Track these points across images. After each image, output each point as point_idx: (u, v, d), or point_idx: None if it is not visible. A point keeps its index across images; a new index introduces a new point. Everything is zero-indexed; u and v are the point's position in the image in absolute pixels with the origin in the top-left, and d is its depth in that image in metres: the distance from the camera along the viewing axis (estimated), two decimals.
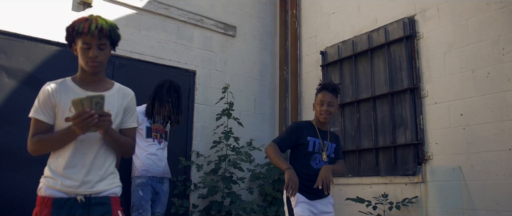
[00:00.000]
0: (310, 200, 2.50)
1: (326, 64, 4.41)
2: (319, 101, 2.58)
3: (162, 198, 3.28)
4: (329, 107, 2.55)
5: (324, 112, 2.55)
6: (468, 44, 3.27)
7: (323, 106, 2.54)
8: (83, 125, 1.57)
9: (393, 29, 3.78)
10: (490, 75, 3.11)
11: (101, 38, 1.70)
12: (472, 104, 3.19)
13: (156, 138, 3.29)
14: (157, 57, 4.21)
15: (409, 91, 3.57)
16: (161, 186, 3.27)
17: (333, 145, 2.68)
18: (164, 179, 3.31)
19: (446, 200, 3.26)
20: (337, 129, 4.18)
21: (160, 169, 3.25)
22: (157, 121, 3.34)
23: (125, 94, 1.87)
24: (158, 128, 3.34)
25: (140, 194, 3.11)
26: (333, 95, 2.57)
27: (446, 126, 3.34)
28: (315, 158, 2.55)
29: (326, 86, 2.59)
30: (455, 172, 3.23)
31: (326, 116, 2.56)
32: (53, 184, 1.68)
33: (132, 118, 1.88)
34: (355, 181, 3.94)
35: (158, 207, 3.26)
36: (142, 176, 3.17)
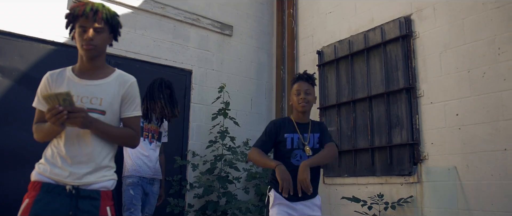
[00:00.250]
0: (290, 201, 2.30)
1: (323, 64, 4.40)
2: (296, 91, 2.44)
3: (151, 199, 3.27)
4: (307, 95, 2.42)
5: (301, 101, 2.40)
6: (464, 43, 3.26)
7: (300, 95, 2.41)
8: (54, 121, 1.57)
9: (389, 29, 3.77)
10: (485, 75, 3.10)
11: (97, 21, 1.69)
12: (468, 104, 3.18)
13: (146, 138, 3.27)
14: (153, 56, 4.20)
15: (405, 91, 3.56)
16: (150, 187, 3.25)
17: (316, 135, 2.47)
18: (154, 181, 3.28)
19: (441, 200, 3.25)
20: (333, 129, 4.17)
21: (150, 170, 3.23)
22: (151, 121, 3.32)
23: (124, 81, 1.81)
24: (150, 128, 3.32)
25: (131, 193, 3.10)
26: (309, 84, 2.46)
27: (442, 126, 3.33)
28: (295, 155, 2.38)
29: (301, 76, 2.48)
30: (451, 172, 3.21)
31: (305, 105, 2.42)
32: (43, 170, 1.69)
33: (132, 106, 1.81)
34: (351, 181, 3.92)
35: (146, 208, 3.24)
36: (132, 176, 3.17)
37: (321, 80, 4.39)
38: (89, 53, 1.71)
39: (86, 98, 1.73)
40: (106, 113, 1.75)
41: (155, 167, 3.28)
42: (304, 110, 2.44)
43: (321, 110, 4.34)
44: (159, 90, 3.29)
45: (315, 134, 2.46)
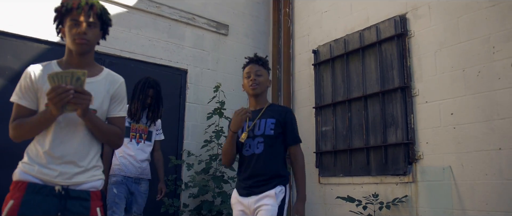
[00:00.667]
0: (241, 196, 2.23)
1: (318, 63, 4.38)
2: (246, 74, 2.33)
3: (138, 199, 3.24)
4: (257, 77, 2.28)
5: (252, 82, 2.27)
6: (459, 42, 3.24)
7: (250, 77, 2.29)
8: (57, 101, 1.47)
9: (385, 28, 3.75)
10: (480, 74, 3.08)
11: (91, 16, 1.66)
12: (463, 103, 3.15)
13: (134, 138, 3.26)
14: (148, 56, 4.19)
15: (400, 90, 3.54)
16: (137, 187, 3.23)
17: (269, 120, 2.24)
18: (141, 180, 3.26)
19: (436, 200, 3.23)
20: (329, 129, 4.16)
21: (135, 169, 3.21)
22: (139, 121, 3.31)
23: (114, 80, 1.78)
24: (138, 128, 3.30)
25: (114, 191, 3.12)
26: (260, 66, 2.33)
27: (437, 126, 3.30)
28: (245, 144, 2.25)
29: (251, 59, 2.38)
30: (446, 172, 3.19)
31: (255, 86, 2.28)
32: (29, 169, 1.60)
33: (120, 106, 1.79)
34: (346, 181, 3.90)
35: (134, 207, 3.23)
36: (117, 175, 3.18)
37: (317, 79, 4.38)
38: (81, 47, 1.66)
39: None
40: (97, 112, 1.70)
41: (141, 167, 3.25)
42: (255, 92, 2.31)
43: (316, 109, 4.33)
44: (141, 90, 3.30)
45: (268, 119, 2.25)
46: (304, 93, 4.60)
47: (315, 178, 4.25)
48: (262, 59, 2.38)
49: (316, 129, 4.29)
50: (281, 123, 2.25)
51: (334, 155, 4.03)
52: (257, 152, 2.21)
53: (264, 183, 2.18)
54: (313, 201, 4.23)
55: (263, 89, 2.34)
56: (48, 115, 1.55)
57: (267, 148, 2.20)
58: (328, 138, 4.14)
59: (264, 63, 2.38)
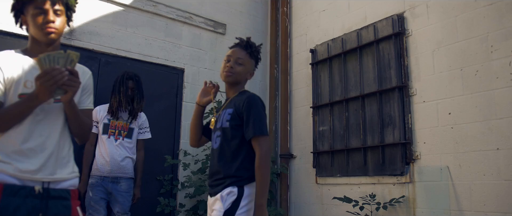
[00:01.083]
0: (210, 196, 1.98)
1: (316, 62, 4.35)
2: (226, 57, 2.04)
3: (119, 198, 3.20)
4: (236, 65, 1.99)
5: (227, 68, 1.99)
6: (457, 41, 3.20)
7: (229, 62, 2.00)
8: (52, 83, 1.38)
9: (382, 27, 3.72)
10: (478, 73, 3.05)
11: (57, 3, 1.58)
12: (460, 103, 3.12)
13: (112, 135, 3.24)
14: (145, 55, 4.16)
15: (398, 90, 3.51)
16: (115, 186, 3.20)
17: (228, 110, 1.98)
18: (119, 179, 3.22)
19: (433, 201, 3.20)
20: (326, 128, 4.12)
21: (110, 168, 3.18)
22: (119, 117, 3.29)
23: (84, 72, 1.72)
24: (117, 124, 3.28)
25: (90, 195, 3.12)
26: (245, 54, 2.03)
27: (434, 125, 3.27)
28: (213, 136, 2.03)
29: (239, 42, 2.08)
30: (443, 172, 3.16)
31: (229, 74, 2.00)
32: (5, 168, 1.46)
33: (89, 98, 1.73)
34: (344, 181, 3.87)
35: (117, 207, 3.19)
36: (93, 176, 3.18)
37: (314, 79, 4.35)
38: (50, 37, 1.58)
39: None
40: None
41: (119, 165, 3.21)
42: (228, 80, 2.04)
43: (314, 109, 4.29)
44: (121, 83, 3.30)
45: (228, 109, 2.00)
46: (301, 92, 4.57)
47: (312, 178, 4.21)
48: (252, 46, 2.07)
49: (314, 129, 4.26)
50: (238, 113, 1.93)
51: (331, 155, 4.00)
52: (215, 147, 1.99)
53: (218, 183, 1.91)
54: (310, 202, 4.20)
55: (239, 79, 2.04)
56: (34, 101, 1.45)
57: (222, 143, 1.93)
58: (326, 138, 4.11)
59: (253, 52, 2.08)
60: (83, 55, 3.81)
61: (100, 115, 3.32)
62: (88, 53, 3.84)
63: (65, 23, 1.68)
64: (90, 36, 3.85)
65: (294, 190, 4.42)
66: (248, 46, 2.07)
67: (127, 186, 3.28)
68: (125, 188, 3.26)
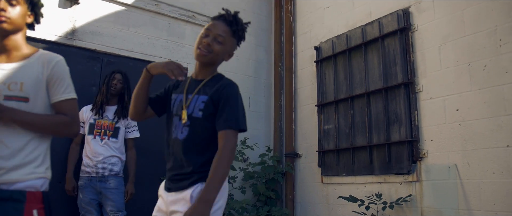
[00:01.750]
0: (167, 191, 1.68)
1: (320, 60, 4.28)
2: (204, 32, 1.72)
3: (110, 195, 3.14)
4: (216, 43, 1.69)
5: (204, 45, 1.67)
6: (464, 35, 3.11)
7: (206, 38, 1.69)
8: None
9: (387, 22, 3.64)
10: (486, 68, 2.95)
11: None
12: (468, 99, 3.03)
13: (98, 135, 3.21)
14: (147, 54, 4.14)
15: (404, 86, 3.42)
16: (103, 184, 3.16)
17: (201, 97, 1.68)
18: (107, 177, 3.18)
19: (441, 200, 3.11)
20: (331, 127, 4.05)
21: (97, 168, 3.16)
22: (105, 116, 3.27)
23: (47, 60, 1.54)
24: (103, 124, 3.25)
25: (80, 197, 3.11)
26: (229, 31, 1.73)
27: (442, 122, 3.18)
28: (173, 122, 1.72)
29: (225, 16, 1.75)
30: (451, 170, 3.07)
31: (204, 53, 1.68)
32: None
33: (61, 88, 1.55)
34: (349, 180, 3.80)
35: (109, 206, 3.14)
36: (82, 177, 3.18)
37: (319, 76, 4.28)
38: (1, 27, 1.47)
39: (2, 85, 1.47)
40: (30, 100, 1.50)
41: (105, 164, 3.17)
42: (202, 60, 1.73)
43: (319, 107, 4.22)
44: (107, 77, 3.29)
45: (201, 95, 1.69)
46: (306, 91, 4.50)
47: (318, 177, 4.15)
48: (239, 23, 1.77)
49: (319, 128, 4.19)
50: (214, 102, 1.66)
51: (337, 154, 3.93)
52: (180, 137, 1.67)
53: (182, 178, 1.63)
54: (316, 201, 4.13)
55: (215, 60, 1.75)
56: None
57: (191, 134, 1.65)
58: (331, 136, 4.04)
59: (238, 30, 1.76)
60: (85, 55, 3.81)
61: (86, 116, 3.29)
62: (90, 53, 3.82)
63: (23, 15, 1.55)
64: (92, 36, 3.83)
65: (300, 189, 4.36)
66: (234, 22, 1.74)
67: (116, 183, 3.22)
68: (114, 185, 3.20)
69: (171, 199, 1.63)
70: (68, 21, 3.73)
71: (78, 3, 3.79)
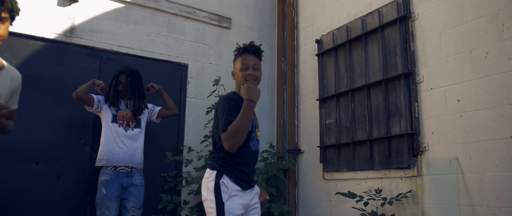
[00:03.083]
0: (244, 190, 2.10)
1: (322, 53, 4.17)
2: (242, 66, 2.13)
3: (134, 192, 3.18)
4: (255, 71, 2.13)
5: (250, 77, 2.10)
6: (465, 22, 2.95)
7: (248, 70, 2.11)
8: None
9: (387, 11, 3.50)
10: (489, 55, 2.78)
11: (2, 12, 1.60)
12: (470, 88, 2.86)
13: (121, 126, 3.21)
14: (147, 51, 4.15)
15: (404, 77, 3.28)
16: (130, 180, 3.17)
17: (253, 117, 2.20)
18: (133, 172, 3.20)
19: (442, 195, 2.95)
20: (332, 121, 3.93)
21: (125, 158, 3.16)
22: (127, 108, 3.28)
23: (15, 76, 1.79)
24: (126, 115, 3.26)
25: (103, 192, 3.05)
26: (256, 58, 2.18)
27: (443, 114, 3.02)
28: (252, 138, 2.15)
29: (248, 48, 2.18)
30: (452, 164, 2.91)
31: (254, 81, 2.12)
32: None
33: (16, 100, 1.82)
34: (350, 176, 3.67)
35: (131, 202, 3.15)
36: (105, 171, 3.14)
37: (320, 70, 4.17)
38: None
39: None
40: None
41: (131, 155, 3.17)
42: None
43: (320, 101, 4.12)
44: (114, 76, 3.27)
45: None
46: (308, 85, 4.40)
47: (319, 173, 4.04)
48: (260, 50, 2.23)
49: (320, 123, 4.08)
50: None
51: (338, 149, 3.81)
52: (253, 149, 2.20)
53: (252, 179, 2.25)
54: (318, 198, 4.03)
55: (258, 82, 2.20)
56: None
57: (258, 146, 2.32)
58: (332, 131, 3.92)
59: (260, 53, 2.23)
60: (84, 52, 3.85)
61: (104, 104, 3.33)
62: (89, 50, 3.86)
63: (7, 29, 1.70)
64: (91, 33, 3.87)
65: (302, 186, 4.26)
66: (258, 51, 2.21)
67: (140, 179, 3.25)
68: (139, 181, 3.23)
69: (251, 196, 2.16)
70: (67, 19, 3.78)
71: (76, 1, 3.83)
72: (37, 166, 3.46)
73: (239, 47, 2.22)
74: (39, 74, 3.58)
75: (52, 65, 3.68)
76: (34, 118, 3.48)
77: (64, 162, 3.56)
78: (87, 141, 3.69)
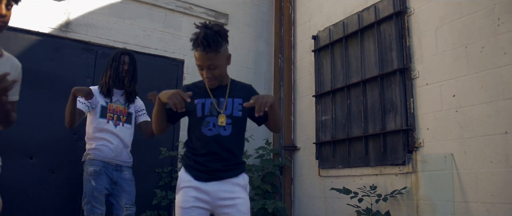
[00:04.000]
0: (200, 181, 1.83)
1: (318, 49, 4.14)
2: (198, 65, 1.87)
3: (125, 187, 2.90)
4: (211, 70, 1.82)
5: (207, 79, 1.86)
6: (461, 16, 2.92)
7: (203, 71, 1.84)
8: None
9: (383, 7, 3.47)
10: (484, 50, 2.75)
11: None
12: (465, 83, 2.83)
13: (111, 120, 2.93)
14: (143, 46, 4.13)
15: (399, 72, 3.25)
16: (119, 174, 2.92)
17: (237, 100, 1.92)
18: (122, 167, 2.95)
19: (437, 192, 2.92)
20: (328, 118, 3.91)
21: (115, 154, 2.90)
22: (117, 100, 2.99)
23: (15, 65, 1.72)
24: (116, 108, 2.97)
25: (93, 184, 2.79)
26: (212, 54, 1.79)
27: (438, 109, 2.99)
28: (207, 123, 1.88)
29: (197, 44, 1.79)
30: (447, 160, 2.88)
31: (213, 82, 1.88)
32: None
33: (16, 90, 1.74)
34: (346, 173, 3.65)
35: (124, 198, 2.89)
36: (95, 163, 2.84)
37: (317, 66, 4.14)
38: None
39: None
40: None
41: (122, 152, 2.93)
42: (215, 86, 1.92)
43: (316, 97, 4.09)
44: (114, 59, 2.98)
45: (235, 98, 1.92)
46: (305, 81, 4.38)
47: (315, 170, 4.01)
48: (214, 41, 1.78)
49: (316, 119, 4.05)
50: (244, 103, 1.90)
51: (333, 145, 3.78)
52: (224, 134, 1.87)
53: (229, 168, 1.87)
54: (313, 195, 4.00)
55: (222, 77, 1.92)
56: None
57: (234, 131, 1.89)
58: (328, 127, 3.90)
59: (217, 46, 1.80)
60: (79, 47, 3.84)
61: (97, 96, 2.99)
62: (85, 45, 3.85)
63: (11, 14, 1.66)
64: (86, 28, 3.86)
65: (298, 183, 4.23)
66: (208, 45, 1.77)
67: (130, 174, 3.00)
68: (129, 177, 2.98)
69: (222, 187, 1.84)
70: (62, 13, 3.77)
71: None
72: (31, 160, 3.45)
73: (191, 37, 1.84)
74: (34, 69, 3.56)
75: (47, 60, 3.68)
76: (29, 113, 3.46)
77: (58, 157, 3.56)
78: (82, 136, 3.65)
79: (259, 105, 1.71)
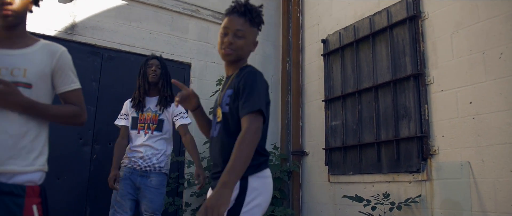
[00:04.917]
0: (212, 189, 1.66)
1: (328, 53, 4.08)
2: (223, 30, 1.64)
3: (147, 194, 2.87)
4: (236, 39, 1.60)
5: (226, 45, 1.61)
6: (478, 21, 2.86)
7: (226, 37, 1.61)
8: None
9: (396, 11, 3.41)
10: (503, 56, 2.69)
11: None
12: (483, 90, 2.77)
13: (142, 130, 2.94)
14: (149, 49, 4.04)
15: (413, 78, 3.19)
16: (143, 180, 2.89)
17: (227, 92, 1.62)
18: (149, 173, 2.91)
19: (453, 201, 2.85)
20: (338, 123, 3.84)
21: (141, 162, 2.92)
22: (144, 110, 2.99)
23: (52, 51, 1.59)
24: (146, 117, 2.97)
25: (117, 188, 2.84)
26: (245, 22, 1.61)
27: (454, 116, 2.93)
28: (213, 122, 1.71)
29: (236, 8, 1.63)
30: (464, 168, 2.82)
31: (230, 52, 1.61)
32: None
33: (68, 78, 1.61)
34: (357, 179, 3.58)
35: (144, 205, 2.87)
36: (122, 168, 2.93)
37: (326, 70, 4.08)
38: (7, 19, 1.51)
39: (5, 70, 1.48)
40: (33, 87, 1.51)
41: (149, 160, 2.91)
42: (229, 58, 1.66)
43: (326, 102, 4.03)
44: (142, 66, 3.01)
45: (227, 90, 1.64)
46: (313, 86, 4.31)
47: (325, 176, 3.95)
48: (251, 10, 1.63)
49: (326, 124, 3.99)
50: (236, 93, 1.58)
51: (344, 151, 3.72)
52: (214, 135, 1.66)
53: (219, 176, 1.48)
54: (323, 201, 3.94)
55: (241, 55, 1.65)
56: None
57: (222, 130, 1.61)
58: (338, 133, 3.83)
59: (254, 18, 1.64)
60: (85, 50, 3.76)
61: (129, 109, 3.08)
62: (91, 48, 3.78)
63: (26, 5, 1.60)
64: (92, 31, 3.79)
65: (307, 189, 4.17)
66: (247, 11, 1.62)
67: (157, 182, 2.92)
68: (155, 183, 2.91)
69: None
70: (68, 16, 3.70)
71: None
72: None
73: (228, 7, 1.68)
74: None
75: None
76: None
77: (63, 162, 3.48)
78: (87, 141, 3.60)
79: None
